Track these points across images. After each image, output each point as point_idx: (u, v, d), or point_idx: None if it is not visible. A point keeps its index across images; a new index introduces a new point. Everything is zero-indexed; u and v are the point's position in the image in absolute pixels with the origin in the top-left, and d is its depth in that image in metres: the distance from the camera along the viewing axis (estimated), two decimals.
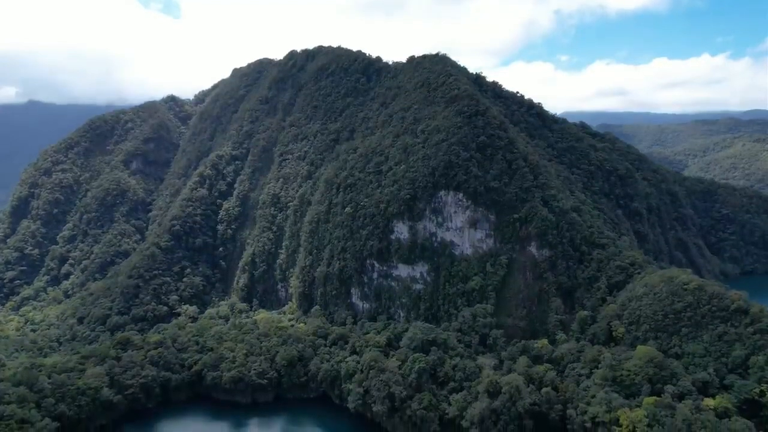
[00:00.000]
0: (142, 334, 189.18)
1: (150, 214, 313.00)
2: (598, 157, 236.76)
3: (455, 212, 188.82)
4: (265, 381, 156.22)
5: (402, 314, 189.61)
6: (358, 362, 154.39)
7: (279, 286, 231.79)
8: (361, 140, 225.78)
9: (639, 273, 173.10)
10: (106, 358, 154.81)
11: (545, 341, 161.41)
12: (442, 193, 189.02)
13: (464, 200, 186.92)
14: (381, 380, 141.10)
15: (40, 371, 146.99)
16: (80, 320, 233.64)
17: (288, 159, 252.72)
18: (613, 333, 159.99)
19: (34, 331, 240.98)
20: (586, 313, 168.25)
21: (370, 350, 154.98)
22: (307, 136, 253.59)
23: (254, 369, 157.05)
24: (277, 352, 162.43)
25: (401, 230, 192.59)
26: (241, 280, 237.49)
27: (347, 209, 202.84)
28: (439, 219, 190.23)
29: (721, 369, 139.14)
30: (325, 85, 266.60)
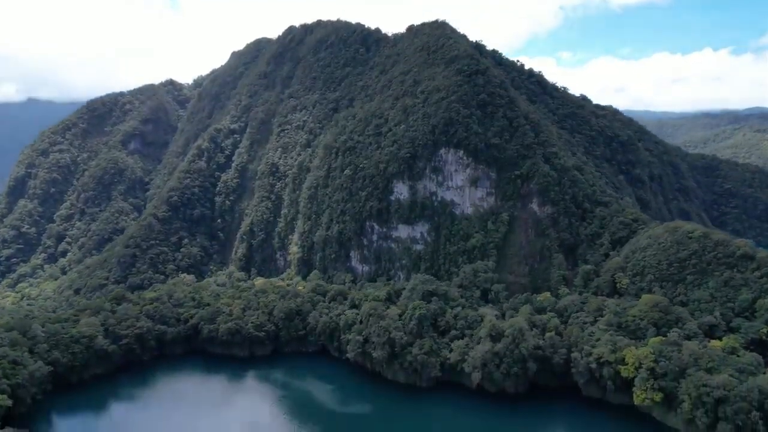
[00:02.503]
0: None
1: (148, 193, 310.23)
2: (599, 123, 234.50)
3: (455, 171, 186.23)
4: (263, 334, 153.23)
5: (402, 276, 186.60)
6: (357, 314, 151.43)
7: (277, 255, 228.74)
8: (360, 106, 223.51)
9: (643, 228, 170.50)
10: (101, 311, 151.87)
11: (548, 294, 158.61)
12: (443, 151, 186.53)
13: (465, 158, 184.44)
14: (381, 326, 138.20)
15: (33, 320, 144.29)
16: (76, 291, 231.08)
17: (287, 129, 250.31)
18: (617, 285, 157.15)
19: (30, 305, 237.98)
20: (589, 267, 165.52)
21: (369, 302, 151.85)
22: (306, 107, 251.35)
23: (251, 322, 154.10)
24: (275, 306, 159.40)
25: (401, 190, 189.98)
26: (239, 250, 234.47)
27: (346, 171, 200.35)
28: (440, 178, 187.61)
29: (728, 313, 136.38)
30: (324, 56, 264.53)
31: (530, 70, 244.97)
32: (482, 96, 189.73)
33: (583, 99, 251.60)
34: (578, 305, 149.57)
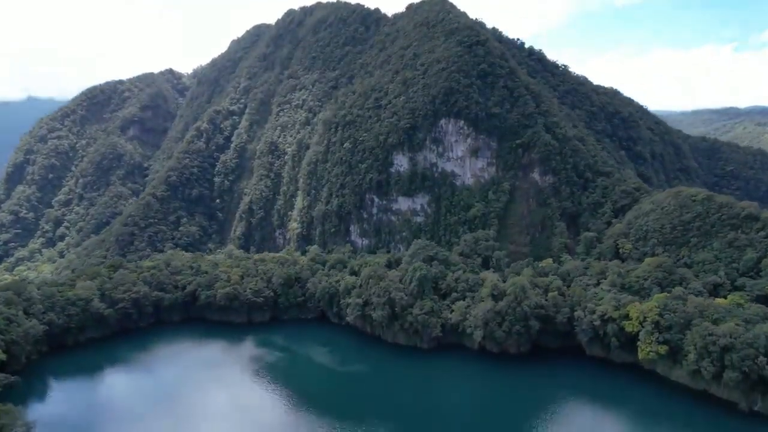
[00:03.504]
0: None
1: (146, 178, 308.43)
2: (600, 100, 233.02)
3: (456, 141, 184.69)
4: (261, 299, 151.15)
5: (402, 248, 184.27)
6: (357, 279, 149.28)
7: (277, 233, 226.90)
8: (360, 82, 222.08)
9: (645, 197, 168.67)
10: (98, 276, 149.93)
11: (550, 260, 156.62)
12: (443, 121, 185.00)
13: (465, 128, 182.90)
14: (381, 287, 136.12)
15: (30, 284, 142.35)
16: (73, 271, 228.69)
17: (286, 108, 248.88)
18: (620, 250, 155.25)
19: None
20: (591, 234, 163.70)
21: (369, 267, 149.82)
22: (306, 86, 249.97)
23: (250, 288, 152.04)
24: (273, 273, 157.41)
25: (401, 162, 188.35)
26: (238, 228, 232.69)
27: (346, 145, 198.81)
28: (440, 149, 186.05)
29: (732, 273, 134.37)
30: (323, 36, 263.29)
31: (530, 48, 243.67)
32: (482, 66, 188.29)
33: (584, 78, 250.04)
34: (581, 270, 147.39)
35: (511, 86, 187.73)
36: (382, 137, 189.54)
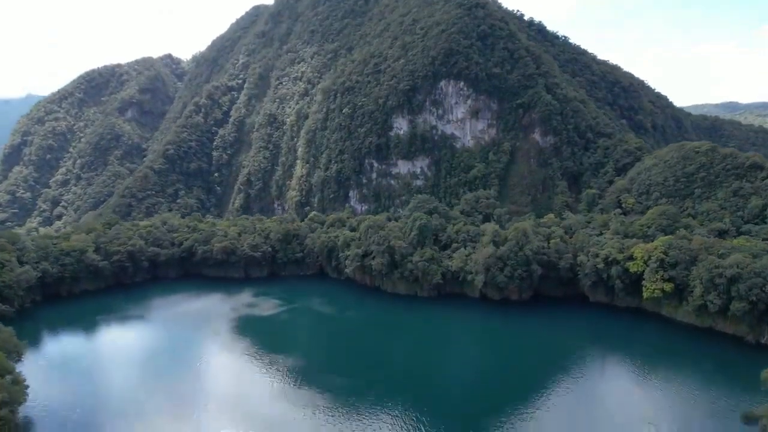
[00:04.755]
0: None
1: (145, 159, 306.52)
2: (600, 68, 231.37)
3: (456, 103, 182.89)
4: (259, 254, 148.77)
5: (402, 212, 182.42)
6: (356, 233, 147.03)
7: (275, 204, 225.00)
8: (359, 51, 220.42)
9: (648, 156, 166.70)
10: (93, 230, 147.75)
11: (552, 216, 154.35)
12: (443, 83, 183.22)
13: (465, 89, 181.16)
14: (380, 236, 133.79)
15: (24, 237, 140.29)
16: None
17: (284, 81, 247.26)
18: (623, 205, 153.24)
19: None
20: (593, 190, 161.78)
21: (368, 220, 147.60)
22: (305, 59, 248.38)
23: (247, 243, 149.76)
24: (271, 230, 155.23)
25: (400, 125, 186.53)
26: (236, 200, 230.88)
27: (345, 110, 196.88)
28: (440, 111, 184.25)
29: (737, 221, 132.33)
30: (322, 10, 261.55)
31: (531, 19, 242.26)
32: (482, 28, 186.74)
33: (583, 49, 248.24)
34: (583, 224, 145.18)
35: (511, 48, 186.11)
36: (381, 100, 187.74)
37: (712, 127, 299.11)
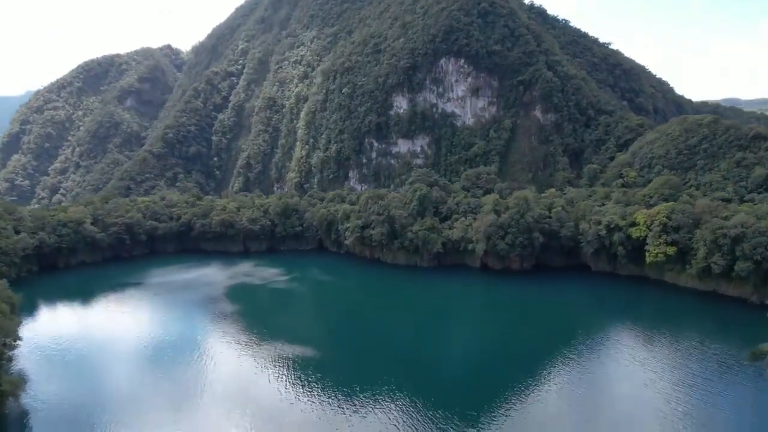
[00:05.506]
0: None
1: (144, 147, 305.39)
2: (601, 51, 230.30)
3: (456, 81, 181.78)
4: (258, 228, 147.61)
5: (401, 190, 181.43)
6: (355, 206, 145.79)
7: (275, 187, 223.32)
8: (359, 33, 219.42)
9: (649, 132, 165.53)
10: (91, 203, 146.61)
11: (553, 190, 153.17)
12: (443, 61, 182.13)
13: (466, 66, 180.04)
14: (380, 205, 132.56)
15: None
16: None
17: (284, 65, 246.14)
18: (624, 178, 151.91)
19: None
20: (595, 165, 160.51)
21: (368, 192, 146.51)
22: (304, 43, 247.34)
23: (246, 217, 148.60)
24: (270, 205, 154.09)
25: (400, 104, 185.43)
26: (236, 184, 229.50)
27: (344, 90, 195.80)
28: (440, 89, 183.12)
29: (741, 191, 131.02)
30: None
31: (531, 3, 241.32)
32: (483, 5, 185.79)
33: (584, 33, 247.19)
34: (585, 196, 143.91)
35: (511, 26, 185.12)
36: (381, 79, 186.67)
37: (713, 113, 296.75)
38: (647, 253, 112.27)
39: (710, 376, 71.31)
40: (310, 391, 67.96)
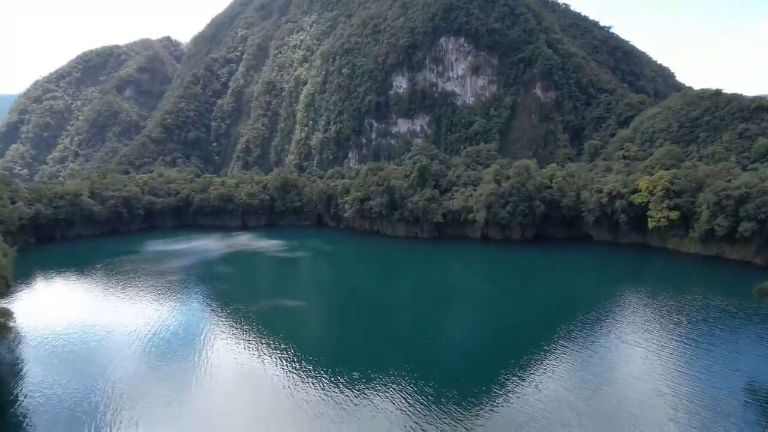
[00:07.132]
0: None
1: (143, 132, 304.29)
2: (602, 34, 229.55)
3: (456, 60, 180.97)
4: (257, 202, 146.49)
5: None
6: (355, 180, 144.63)
7: (275, 171, 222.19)
8: (359, 15, 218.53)
9: (651, 107, 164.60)
10: (88, 178, 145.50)
11: (554, 165, 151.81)
12: (443, 40, 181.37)
13: (466, 45, 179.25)
14: (380, 176, 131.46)
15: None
16: None
17: (283, 50, 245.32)
18: (626, 154, 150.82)
19: None
20: (596, 141, 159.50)
21: (368, 165, 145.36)
22: (304, 27, 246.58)
23: (245, 191, 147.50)
24: (269, 181, 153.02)
25: (400, 83, 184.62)
26: (235, 168, 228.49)
27: (344, 71, 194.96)
28: (440, 68, 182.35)
29: (743, 161, 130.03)
30: None
31: None
32: None
33: (584, 16, 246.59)
34: (586, 170, 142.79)
35: (511, 4, 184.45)
36: (381, 58, 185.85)
37: None
38: (649, 219, 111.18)
39: (714, 324, 70.25)
40: (306, 367, 58.99)
